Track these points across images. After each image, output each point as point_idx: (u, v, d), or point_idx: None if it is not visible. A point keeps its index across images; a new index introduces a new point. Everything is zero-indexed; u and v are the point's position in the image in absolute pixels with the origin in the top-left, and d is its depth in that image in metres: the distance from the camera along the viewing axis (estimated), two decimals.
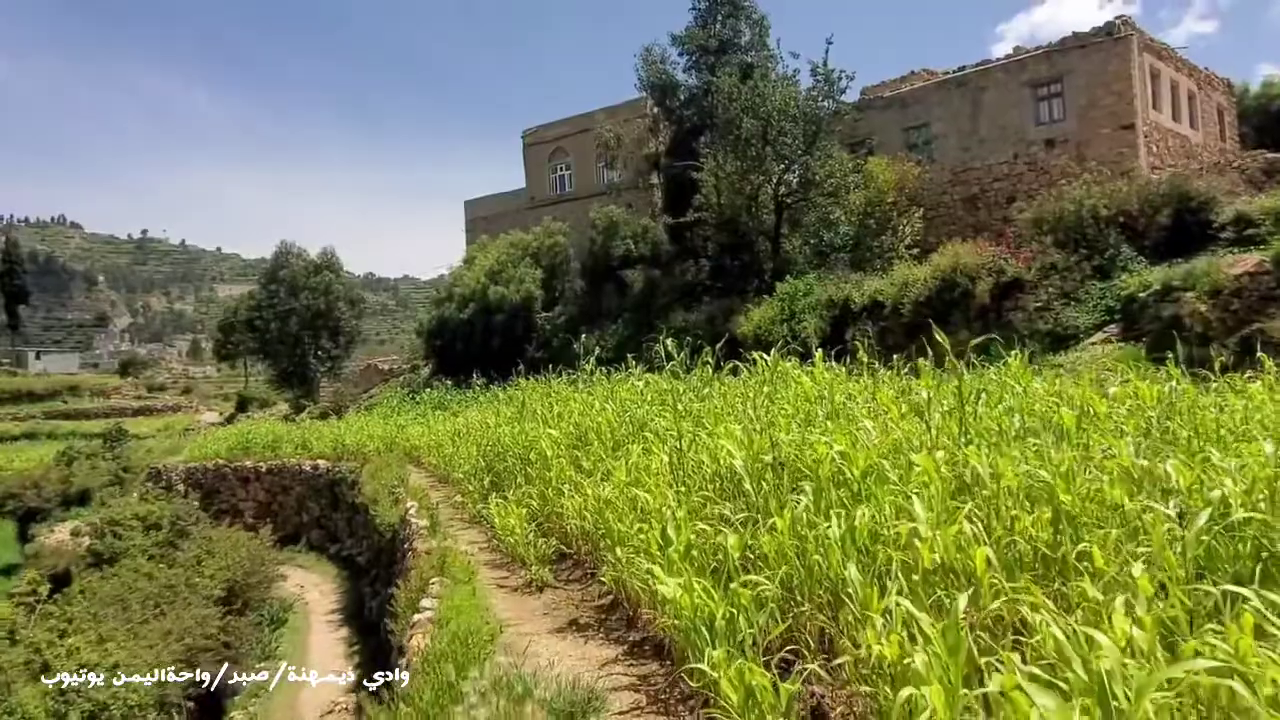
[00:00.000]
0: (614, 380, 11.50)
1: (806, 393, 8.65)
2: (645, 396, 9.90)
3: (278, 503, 23.24)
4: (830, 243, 26.54)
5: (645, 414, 9.12)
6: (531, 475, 9.21)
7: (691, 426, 8.14)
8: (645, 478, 6.85)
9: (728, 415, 8.42)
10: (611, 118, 35.62)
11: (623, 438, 8.87)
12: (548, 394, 12.13)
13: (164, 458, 27.85)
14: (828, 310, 23.44)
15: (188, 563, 13.38)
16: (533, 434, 10.08)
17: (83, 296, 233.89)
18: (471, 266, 34.50)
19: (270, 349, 48.09)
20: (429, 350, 35.76)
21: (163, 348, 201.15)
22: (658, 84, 31.17)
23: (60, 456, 33.83)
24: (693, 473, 6.49)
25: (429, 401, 26.77)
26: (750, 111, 26.02)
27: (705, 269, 30.22)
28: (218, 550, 13.78)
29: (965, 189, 28.56)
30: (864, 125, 29.75)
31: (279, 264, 48.25)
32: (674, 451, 6.56)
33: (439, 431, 15.81)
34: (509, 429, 10.93)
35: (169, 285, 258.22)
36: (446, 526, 10.45)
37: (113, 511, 18.97)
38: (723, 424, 7.54)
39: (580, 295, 34.12)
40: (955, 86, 29.11)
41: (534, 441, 9.73)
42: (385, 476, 15.75)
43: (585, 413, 10.03)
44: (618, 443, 8.80)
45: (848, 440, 5.25)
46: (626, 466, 7.00)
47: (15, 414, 64.07)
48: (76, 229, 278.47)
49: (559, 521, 8.05)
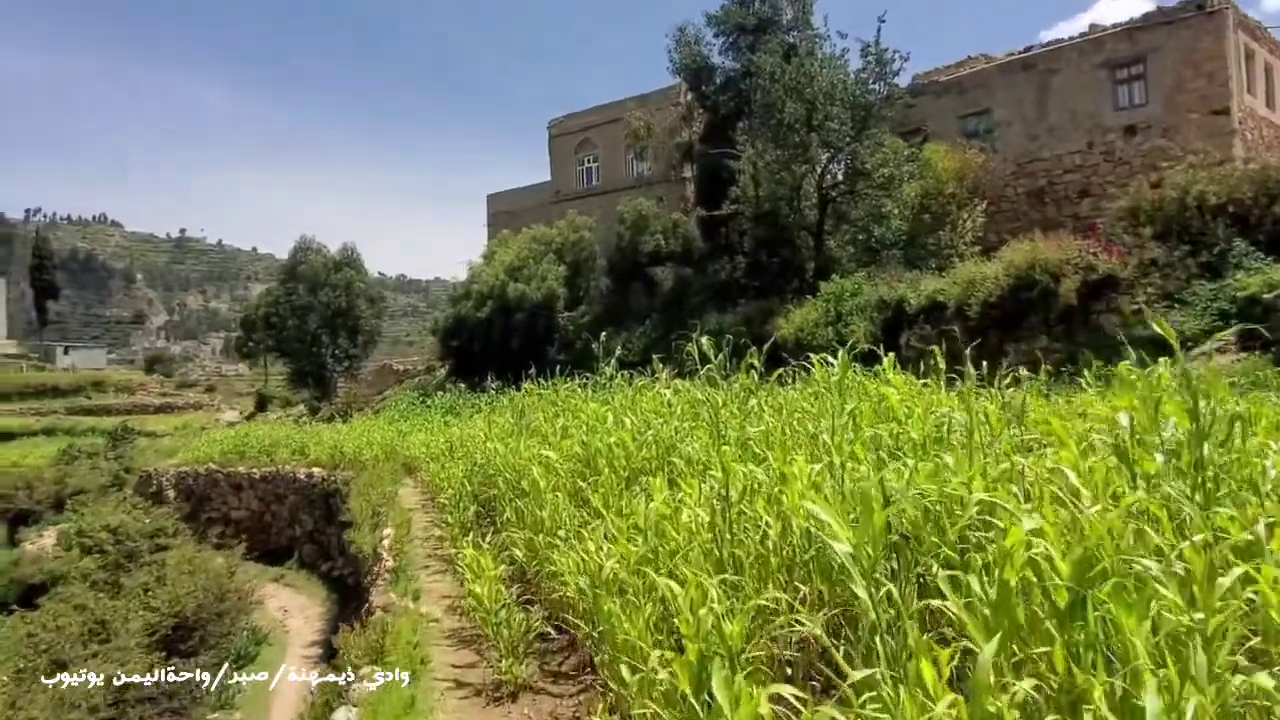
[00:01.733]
0: (635, 387, 9.26)
1: (890, 408, 6.37)
2: (674, 409, 7.65)
3: (271, 513, 21.31)
4: (881, 238, 24.06)
5: (674, 433, 6.86)
6: (522, 510, 6.97)
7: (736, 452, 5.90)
8: (671, 533, 4.61)
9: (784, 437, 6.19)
10: (642, 106, 33.43)
11: (643, 465, 6.61)
12: (553, 402, 9.89)
13: (160, 459, 26.12)
14: (878, 312, 21.04)
15: (133, 592, 11.41)
16: (529, 453, 7.86)
17: (121, 294, 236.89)
18: (491, 262, 32.45)
19: (287, 347, 46.46)
20: (445, 351, 33.76)
21: (197, 345, 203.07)
22: (691, 66, 28.91)
23: (61, 455, 32.34)
24: (744, 532, 4.21)
25: (439, 406, 24.71)
26: (794, 94, 23.65)
27: (741, 267, 27.86)
28: (171, 576, 11.77)
29: (1031, 181, 25.94)
30: (916, 113, 27.19)
31: (298, 260, 46.62)
32: (718, 500, 4.27)
33: (439, 441, 13.65)
34: (501, 446, 8.71)
35: (205, 284, 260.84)
36: (419, 569, 8.26)
37: (83, 520, 17.07)
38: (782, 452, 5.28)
39: (606, 294, 31.95)
40: (1021, 69, 26.51)
41: (529, 464, 7.51)
42: (374, 492, 13.64)
43: (596, 427, 7.79)
44: (636, 472, 6.55)
45: (1042, 511, 2.94)
46: (643, 519, 4.73)
47: (38, 409, 63.27)
48: (117, 228, 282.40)
49: (551, 583, 5.81)
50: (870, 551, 2.65)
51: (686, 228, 29.77)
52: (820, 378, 8.00)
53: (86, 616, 10.04)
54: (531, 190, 41.09)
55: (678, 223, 29.94)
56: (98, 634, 9.93)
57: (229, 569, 12.95)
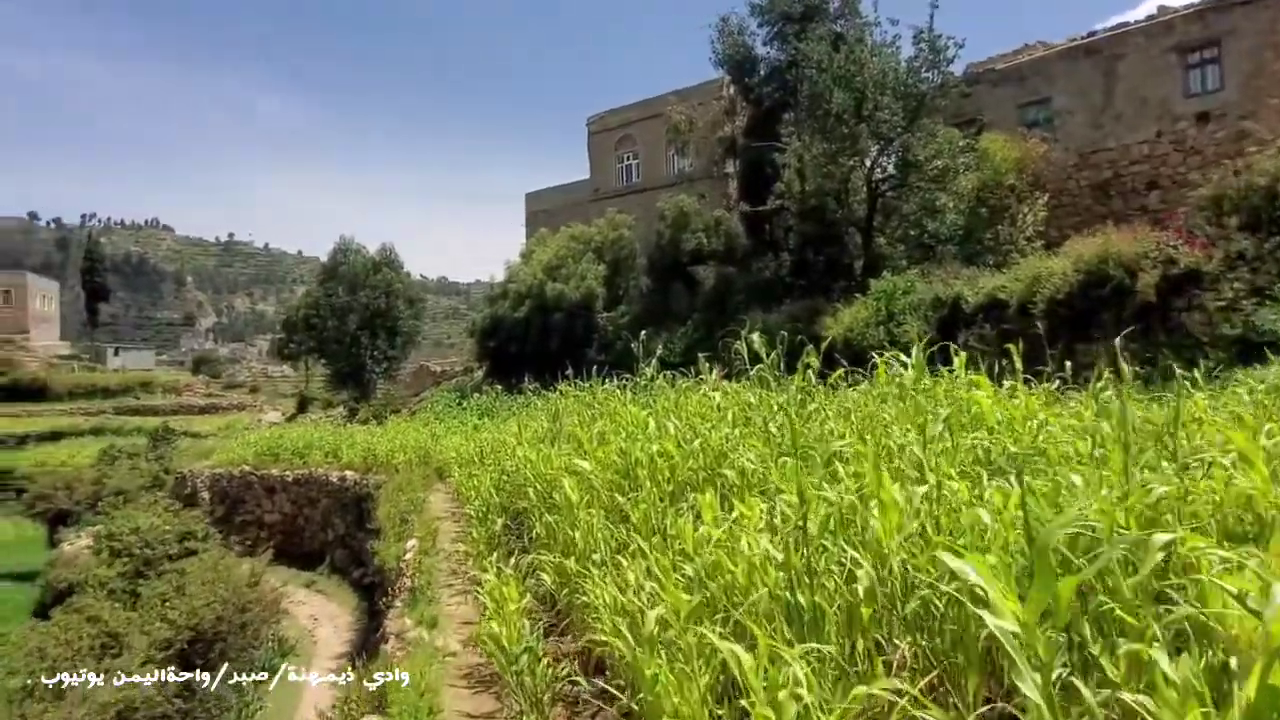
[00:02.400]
0: (679, 388, 8.43)
1: (979, 415, 5.48)
2: (724, 413, 6.81)
3: (303, 516, 20.87)
4: (935, 233, 22.90)
5: (724, 440, 6.02)
6: (554, 528, 6.17)
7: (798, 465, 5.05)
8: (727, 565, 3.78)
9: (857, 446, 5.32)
10: (683, 100, 32.52)
11: (689, 478, 5.78)
12: (590, 405, 9.09)
13: (195, 461, 25.94)
14: (933, 311, 19.92)
15: (150, 602, 10.88)
16: (561, 462, 7.07)
17: (172, 296, 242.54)
18: (528, 262, 31.85)
19: (327, 348, 46.44)
20: (482, 351, 33.23)
21: (244, 347, 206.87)
22: (735, 58, 27.95)
23: (102, 456, 32.46)
24: (825, 574, 3.34)
25: (475, 408, 24.14)
26: (842, 83, 22.61)
27: (786, 264, 26.86)
28: (191, 586, 11.23)
29: (1095, 173, 24.55)
30: (972, 103, 25.93)
31: (337, 261, 46.60)
32: (792, 530, 3.42)
33: (469, 447, 12.95)
34: (532, 453, 7.93)
35: (252, 286, 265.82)
36: (441, 587, 7.52)
37: (112, 523, 16.72)
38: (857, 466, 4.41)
39: (646, 294, 31.13)
40: (1084, 55, 25.13)
41: (560, 475, 6.72)
42: (402, 499, 12.99)
43: (636, 434, 6.98)
44: (681, 486, 5.73)
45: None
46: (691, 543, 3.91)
47: (87, 409, 64.39)
48: (168, 232, 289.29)
49: (584, 615, 5.00)
50: (1050, 634, 1.80)
51: (729, 225, 28.84)
52: (883, 380, 7.15)
53: (99, 629, 9.51)
54: (570, 188, 40.48)
55: (720, 220, 29.02)
56: (110, 648, 9.38)
57: (253, 577, 12.39)
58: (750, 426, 6.57)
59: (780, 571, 3.27)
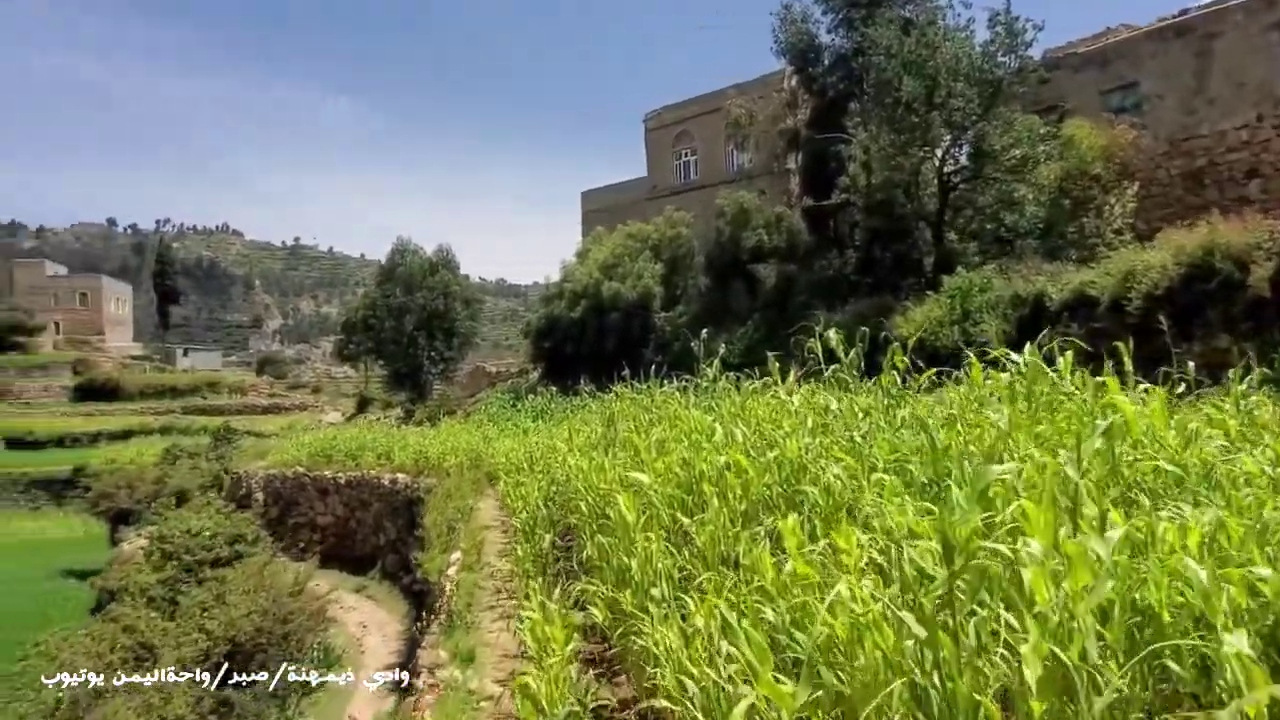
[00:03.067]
0: (745, 391, 7.59)
1: (1125, 426, 4.53)
2: (799, 419, 5.95)
3: (355, 519, 20.56)
4: (1013, 227, 21.53)
5: (803, 451, 5.17)
6: (607, 550, 5.39)
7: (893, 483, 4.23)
8: (825, 617, 2.97)
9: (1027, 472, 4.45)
10: (743, 94, 31.58)
11: (763, 496, 4.95)
12: (647, 408, 8.30)
13: (252, 461, 25.96)
14: (1013, 309, 18.64)
15: (190, 611, 10.46)
16: (615, 473, 6.30)
17: (241, 299, 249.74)
18: (584, 261, 31.25)
19: (384, 349, 46.62)
20: (537, 352, 32.74)
21: (309, 348, 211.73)
22: (798, 47, 26.90)
23: (165, 455, 32.91)
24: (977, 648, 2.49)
25: (529, 409, 23.58)
26: (913, 70, 21.43)
27: (851, 261, 25.71)
28: (232, 594, 10.79)
29: (1187, 161, 22.84)
30: (1051, 89, 24.42)
31: (395, 262, 46.77)
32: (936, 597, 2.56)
33: (518, 452, 12.27)
34: (584, 461, 7.17)
35: (317, 289, 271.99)
36: (483, 609, 6.81)
37: (164, 524, 16.56)
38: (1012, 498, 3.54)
39: (704, 293, 30.24)
40: (1174, 35, 23.43)
41: (615, 489, 5.95)
42: (449, 506, 12.41)
43: (700, 441, 6.17)
44: (756, 505, 4.90)
45: None
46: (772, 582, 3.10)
47: (156, 408, 66.24)
48: (238, 236, 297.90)
49: (641, 663, 4.21)
50: None
51: (791, 221, 27.79)
52: (981, 382, 6.23)
53: (133, 639, 9.10)
54: (627, 186, 39.84)
55: (781, 216, 27.99)
56: (144, 660, 8.95)
57: (296, 585, 11.92)
58: (830, 435, 5.71)
59: (909, 642, 2.43)
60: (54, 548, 32.98)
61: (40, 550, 32.91)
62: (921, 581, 2.68)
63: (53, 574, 27.56)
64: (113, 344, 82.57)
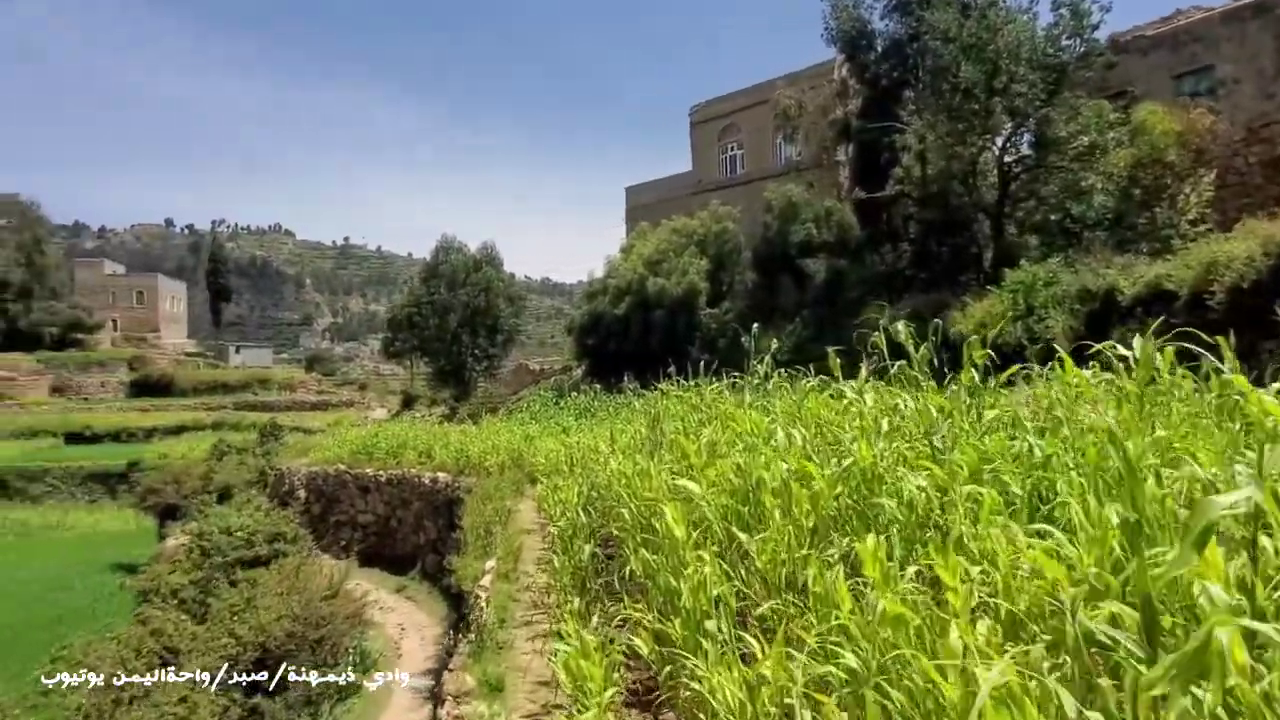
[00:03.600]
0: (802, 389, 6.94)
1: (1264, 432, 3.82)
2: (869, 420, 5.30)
3: (396, 518, 20.28)
4: (1081, 218, 20.44)
5: (877, 459, 4.53)
6: (652, 569, 4.81)
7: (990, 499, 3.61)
8: (928, 672, 2.36)
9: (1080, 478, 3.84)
10: (792, 84, 30.73)
11: (832, 510, 4.32)
12: (696, 407, 7.70)
13: (296, 458, 25.93)
14: (1080, 304, 17.65)
15: (220, 614, 10.14)
16: (661, 479, 5.72)
17: (293, 298, 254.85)
18: (628, 256, 30.71)
19: (428, 346, 46.66)
20: (580, 349, 32.31)
21: (358, 345, 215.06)
22: (850, 34, 25.99)
23: (212, 451, 33.12)
24: None
25: (572, 408, 23.12)
26: (972, 54, 20.49)
27: (906, 256, 24.76)
28: (264, 597, 10.45)
29: (1267, 149, 21.43)
30: (1118, 74, 23.24)
31: (439, 259, 46.78)
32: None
33: (559, 452, 11.75)
34: (627, 464, 6.60)
35: (366, 288, 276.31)
36: (517, 625, 6.29)
37: (204, 521, 16.41)
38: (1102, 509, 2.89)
39: (751, 289, 29.50)
40: (1252, 15, 22.08)
41: (660, 499, 5.37)
42: (487, 509, 11.94)
43: (756, 443, 5.56)
44: (826, 520, 4.27)
45: None
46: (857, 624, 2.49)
47: (209, 404, 67.44)
48: (290, 236, 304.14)
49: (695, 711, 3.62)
50: None
51: (841, 215, 26.91)
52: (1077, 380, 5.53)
53: (160, 643, 8.79)
54: (671, 181, 39.20)
55: (831, 210, 27.12)
56: (169, 665, 8.63)
57: (331, 587, 11.56)
58: (905, 439, 5.06)
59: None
60: (107, 541, 33.45)
61: (94, 544, 33.39)
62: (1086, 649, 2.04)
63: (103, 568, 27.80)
64: (167, 341, 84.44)
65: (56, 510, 42.20)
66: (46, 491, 45.88)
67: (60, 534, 37.02)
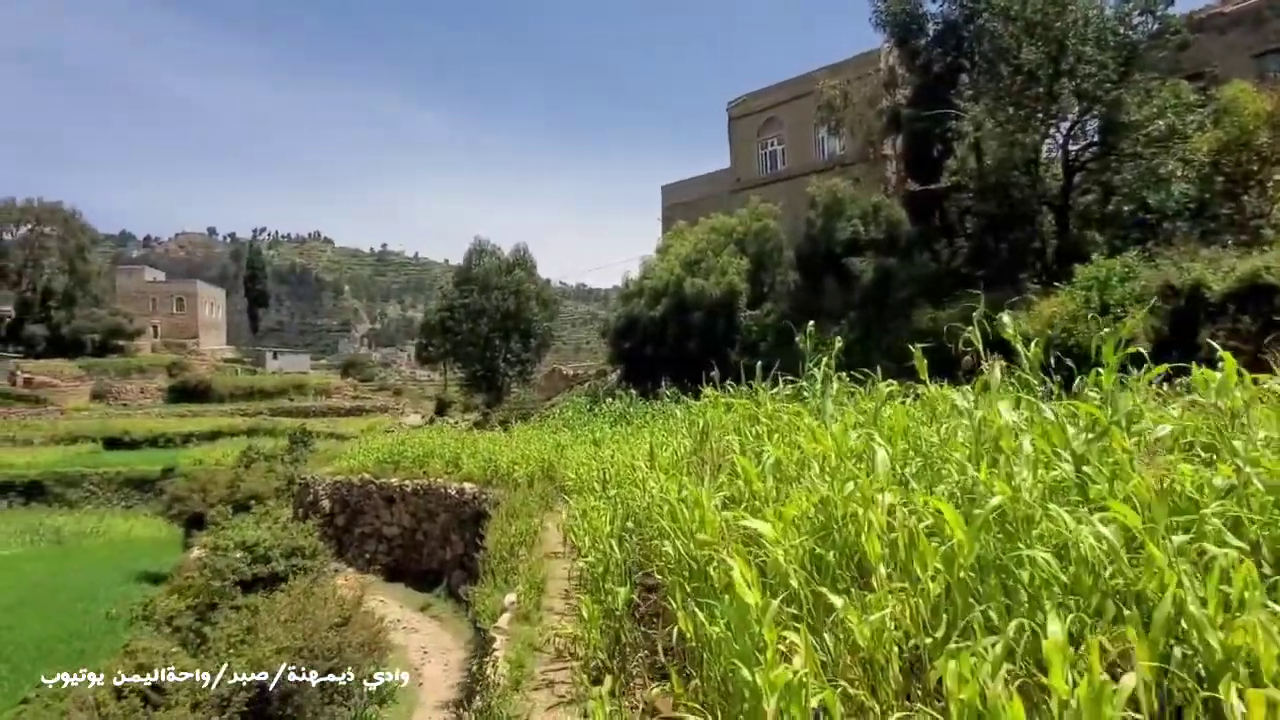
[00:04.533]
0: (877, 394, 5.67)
1: None
2: (983, 434, 4.05)
3: (422, 531, 19.28)
4: (1160, 208, 18.81)
5: (1020, 493, 3.29)
6: (708, 637, 3.58)
7: None
8: None
9: None
10: (835, 76, 29.30)
11: (971, 564, 3.07)
12: (750, 417, 6.46)
13: (323, 465, 25.11)
14: (1163, 301, 16.07)
15: (217, 646, 9.10)
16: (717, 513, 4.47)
17: (331, 304, 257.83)
18: (665, 256, 29.48)
19: (461, 351, 45.85)
20: (615, 353, 31.11)
21: (395, 351, 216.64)
22: (900, 16, 24.49)
23: (241, 458, 32.59)
24: None
25: (607, 414, 21.96)
26: (1035, 33, 19.01)
27: (961, 253, 23.23)
28: (268, 627, 9.39)
29: None
30: (1192, 55, 21.53)
31: (471, 263, 45.95)
32: None
33: (588, 467, 10.54)
34: (671, 486, 5.39)
35: (403, 294, 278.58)
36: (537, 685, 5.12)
37: (219, 535, 15.53)
38: None
39: (794, 290, 28.10)
40: None
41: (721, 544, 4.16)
42: (512, 528, 10.82)
43: (840, 469, 4.31)
44: (964, 584, 3.03)
45: None
46: None
47: (245, 410, 67.58)
48: (328, 244, 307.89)
49: None
50: None
51: (890, 210, 25.43)
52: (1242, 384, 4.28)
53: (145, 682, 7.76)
54: (709, 179, 37.90)
55: (879, 205, 25.65)
56: (157, 707, 7.61)
57: (343, 613, 10.49)
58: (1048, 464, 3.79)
59: None
60: (138, 549, 33.03)
61: (125, 551, 32.99)
62: None
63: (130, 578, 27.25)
64: (206, 347, 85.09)
65: (93, 516, 42.12)
66: (84, 497, 45.95)
67: (93, 540, 36.77)
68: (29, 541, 36.26)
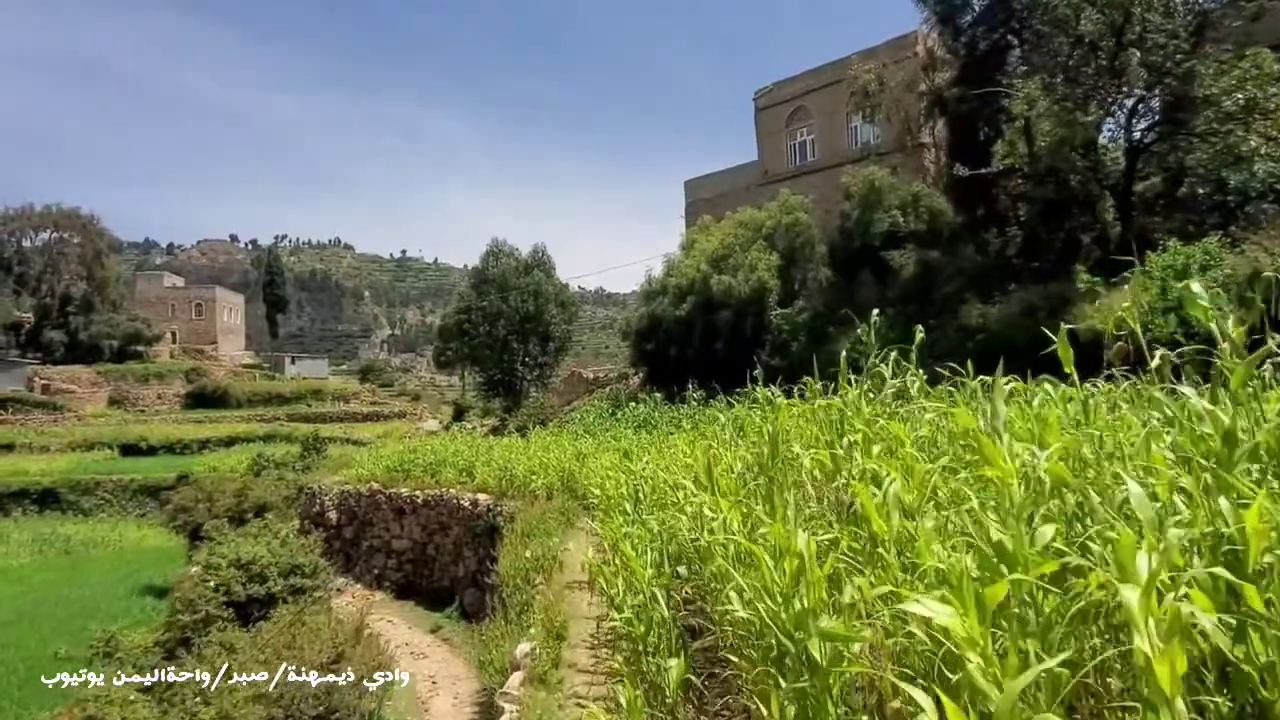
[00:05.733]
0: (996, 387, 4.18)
1: None
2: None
3: (434, 545, 17.89)
4: (1242, 189, 17.09)
5: None
6: None
7: None
8: None
9: None
10: (869, 60, 27.70)
11: None
12: (832, 425, 4.98)
13: (331, 474, 23.83)
14: (1250, 291, 14.37)
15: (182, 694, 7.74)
16: (815, 564, 2.98)
17: (352, 310, 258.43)
18: (690, 253, 27.99)
19: (479, 354, 44.49)
20: (638, 355, 29.64)
21: (414, 357, 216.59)
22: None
23: (252, 465, 31.44)
24: None
25: (630, 419, 20.53)
26: (1098, 1, 17.39)
27: (1014, 243, 21.57)
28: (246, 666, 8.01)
29: None
30: (1266, 25, 19.76)
31: (488, 264, 44.57)
32: None
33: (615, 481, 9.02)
34: (734, 516, 3.94)
35: (422, 299, 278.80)
36: None
37: (212, 552, 14.24)
38: None
39: (826, 287, 26.51)
40: None
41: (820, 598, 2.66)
42: (527, 551, 9.36)
43: (1036, 502, 2.80)
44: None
45: None
46: None
47: (263, 415, 66.79)
48: (348, 250, 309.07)
49: None
50: None
51: (931, 200, 23.80)
52: None
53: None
54: (734, 173, 36.35)
55: (919, 195, 24.03)
56: None
57: (336, 646, 9.10)
58: None
59: None
60: (146, 559, 31.97)
61: (133, 562, 31.91)
62: None
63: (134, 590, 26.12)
64: (225, 352, 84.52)
65: (106, 525, 41.16)
66: (98, 505, 45.00)
67: (103, 550, 35.78)
68: (38, 551, 35.32)
